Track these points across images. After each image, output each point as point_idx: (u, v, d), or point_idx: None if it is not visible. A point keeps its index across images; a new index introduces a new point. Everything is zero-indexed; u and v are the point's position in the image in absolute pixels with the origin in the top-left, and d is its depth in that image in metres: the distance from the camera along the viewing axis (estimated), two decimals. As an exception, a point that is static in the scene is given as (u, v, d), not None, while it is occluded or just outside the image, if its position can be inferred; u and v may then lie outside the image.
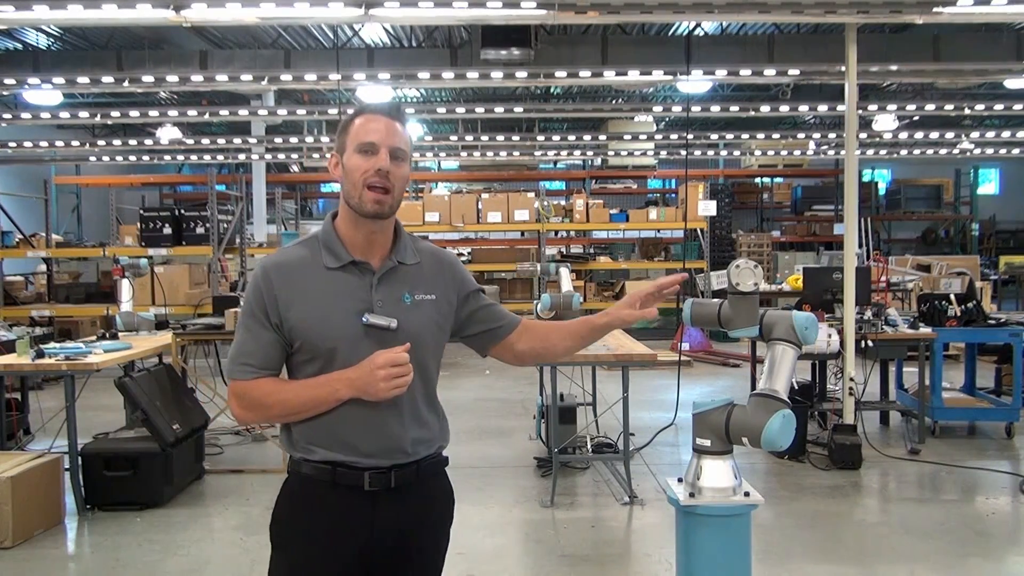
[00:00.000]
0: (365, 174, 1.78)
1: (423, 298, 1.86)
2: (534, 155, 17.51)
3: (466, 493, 4.90)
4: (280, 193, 16.26)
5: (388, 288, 1.83)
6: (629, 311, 1.97)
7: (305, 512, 1.83)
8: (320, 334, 1.77)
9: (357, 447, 1.79)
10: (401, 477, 1.82)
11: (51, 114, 12.37)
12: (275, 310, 1.79)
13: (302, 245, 1.87)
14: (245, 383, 1.79)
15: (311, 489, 1.82)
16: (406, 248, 1.89)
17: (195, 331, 5.94)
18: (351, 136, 1.82)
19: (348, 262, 1.81)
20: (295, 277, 1.80)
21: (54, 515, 4.58)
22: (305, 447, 1.81)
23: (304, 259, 1.83)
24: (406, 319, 1.80)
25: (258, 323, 1.80)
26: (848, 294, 5.87)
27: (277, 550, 1.87)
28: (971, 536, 4.37)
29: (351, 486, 1.79)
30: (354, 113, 1.86)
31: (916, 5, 5.62)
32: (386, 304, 1.80)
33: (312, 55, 10.43)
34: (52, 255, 11.08)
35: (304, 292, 1.79)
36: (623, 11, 5.70)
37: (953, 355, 9.06)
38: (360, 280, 1.81)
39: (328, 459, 1.79)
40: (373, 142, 1.79)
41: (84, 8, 5.71)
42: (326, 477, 1.79)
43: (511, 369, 9.27)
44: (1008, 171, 22.94)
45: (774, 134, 16.12)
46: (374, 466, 1.80)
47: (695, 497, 2.19)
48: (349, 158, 1.81)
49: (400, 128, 1.84)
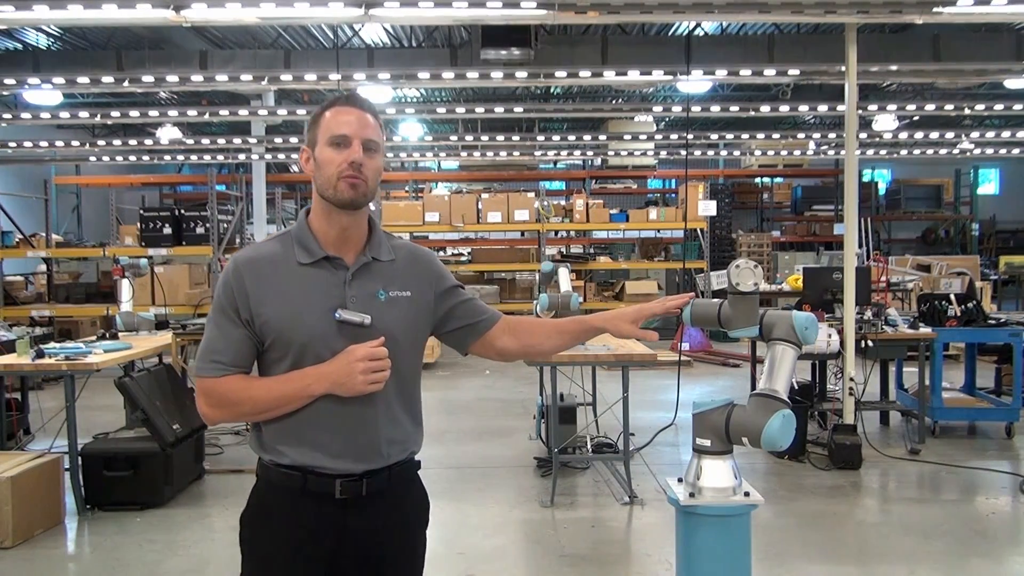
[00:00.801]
0: (339, 167, 1.75)
1: (398, 295, 1.83)
2: (534, 155, 17.51)
3: (466, 493, 4.87)
4: (280, 193, 16.25)
5: (362, 284, 1.80)
6: (630, 327, 1.95)
7: (274, 519, 1.79)
8: (292, 330, 1.74)
9: (328, 446, 1.75)
10: (373, 484, 1.79)
11: (51, 114, 12.36)
12: (245, 306, 1.75)
13: (275, 241, 1.85)
14: (213, 380, 1.75)
15: (280, 496, 1.79)
16: (380, 244, 1.86)
17: (195, 331, 5.94)
18: (322, 129, 1.79)
19: (321, 257, 1.79)
20: (267, 273, 1.77)
21: (54, 515, 4.58)
22: (274, 449, 1.78)
23: (276, 255, 1.80)
24: (380, 316, 1.77)
25: (228, 319, 1.76)
26: (848, 294, 5.87)
27: (247, 555, 1.85)
28: (971, 536, 4.37)
29: (321, 494, 1.76)
30: (324, 106, 1.83)
31: (916, 5, 5.62)
32: (360, 300, 1.77)
33: (312, 55, 10.43)
34: (52, 255, 11.08)
35: (276, 288, 1.76)
36: (623, 11, 5.70)
37: (953, 355, 9.06)
38: (333, 276, 1.79)
39: (298, 463, 1.76)
40: (345, 134, 1.76)
41: (84, 8, 5.71)
42: (296, 484, 1.76)
43: (511, 369, 9.27)
44: (1008, 171, 22.94)
45: (774, 134, 16.11)
46: (345, 472, 1.76)
47: (695, 497, 2.18)
48: (321, 151, 1.78)
49: (372, 119, 1.81)
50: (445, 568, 3.87)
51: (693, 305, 2.24)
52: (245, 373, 1.78)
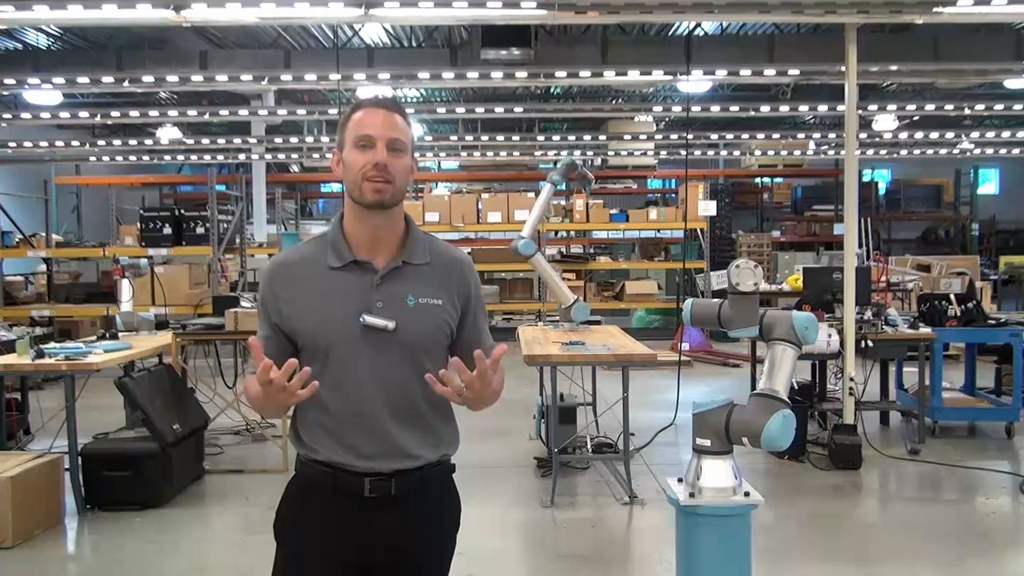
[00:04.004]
0: (363, 168, 1.77)
1: (428, 302, 1.81)
2: (534, 155, 17.50)
3: (466, 493, 4.82)
4: (280, 193, 16.25)
5: (390, 289, 1.80)
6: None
7: (305, 512, 1.84)
8: (319, 334, 1.77)
9: (359, 448, 1.78)
10: (403, 484, 1.80)
11: (51, 114, 12.36)
12: (275, 309, 1.81)
13: (310, 244, 1.88)
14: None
15: (312, 491, 1.83)
16: (415, 246, 1.86)
17: (195, 331, 5.93)
18: (349, 131, 1.81)
19: (350, 261, 1.80)
20: (298, 276, 1.81)
21: (54, 515, 4.57)
22: (309, 444, 1.83)
23: (309, 258, 1.83)
24: (407, 321, 1.78)
25: (264, 320, 1.85)
26: (848, 294, 5.86)
27: (280, 545, 1.88)
28: (971, 536, 4.37)
29: (351, 492, 1.79)
30: (352, 108, 1.85)
31: (916, 5, 5.62)
32: (387, 305, 1.78)
33: (312, 55, 10.44)
34: (52, 255, 11.06)
35: (305, 291, 1.79)
36: (623, 11, 5.69)
37: (953, 355, 9.05)
38: (361, 280, 1.79)
39: (330, 460, 1.79)
40: (370, 135, 1.77)
41: (84, 8, 5.70)
42: (327, 480, 1.79)
43: (511, 369, 9.21)
44: (1008, 171, 22.93)
45: (774, 134, 16.11)
46: (374, 471, 1.78)
47: (695, 497, 2.19)
48: (348, 153, 1.80)
49: (399, 119, 1.81)
50: (445, 568, 3.86)
51: (693, 305, 2.24)
52: None
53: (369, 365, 1.76)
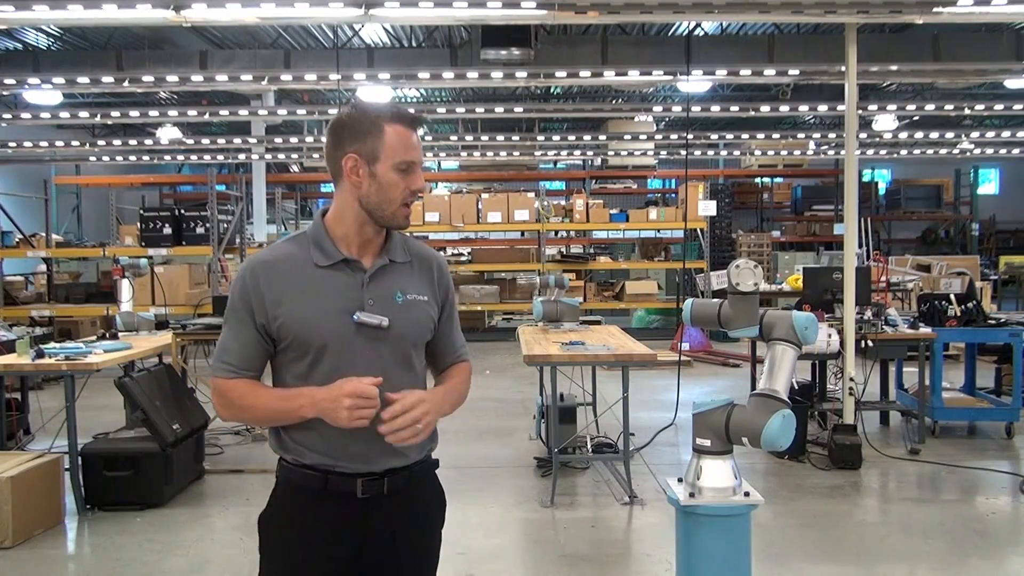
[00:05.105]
0: (404, 193, 1.79)
1: (415, 298, 1.86)
2: (534, 155, 17.51)
3: (466, 493, 4.88)
4: (280, 193, 16.26)
5: (380, 286, 1.81)
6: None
7: (296, 519, 1.81)
8: (310, 333, 1.76)
9: (346, 449, 1.77)
10: (394, 483, 1.81)
11: (51, 114, 12.38)
12: (261, 309, 1.77)
13: (291, 242, 1.86)
14: (224, 381, 1.79)
15: (302, 497, 1.80)
16: (397, 246, 1.89)
17: (195, 331, 5.94)
18: (387, 149, 1.77)
19: (339, 260, 1.80)
20: (283, 275, 1.79)
21: (54, 515, 4.57)
22: (296, 448, 1.80)
23: (293, 257, 1.81)
24: (397, 317, 1.80)
25: (241, 322, 1.79)
26: (848, 294, 5.86)
27: (267, 557, 1.86)
28: (971, 536, 4.37)
29: (343, 493, 1.78)
30: (379, 116, 1.79)
31: (916, 5, 5.62)
32: (378, 303, 1.79)
33: (312, 55, 10.43)
34: (52, 255, 11.07)
35: (293, 290, 1.77)
36: (623, 11, 5.70)
37: (953, 355, 9.05)
38: (351, 278, 1.80)
39: (319, 464, 1.78)
40: (414, 161, 1.80)
41: (84, 8, 5.71)
42: (317, 484, 1.78)
43: (511, 369, 9.27)
44: (1008, 171, 22.95)
45: (774, 134, 16.12)
46: (366, 472, 1.78)
47: (695, 497, 2.19)
48: (387, 173, 1.78)
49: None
50: (445, 568, 3.82)
51: (693, 305, 2.24)
52: (255, 377, 1.81)
53: (362, 362, 1.76)
